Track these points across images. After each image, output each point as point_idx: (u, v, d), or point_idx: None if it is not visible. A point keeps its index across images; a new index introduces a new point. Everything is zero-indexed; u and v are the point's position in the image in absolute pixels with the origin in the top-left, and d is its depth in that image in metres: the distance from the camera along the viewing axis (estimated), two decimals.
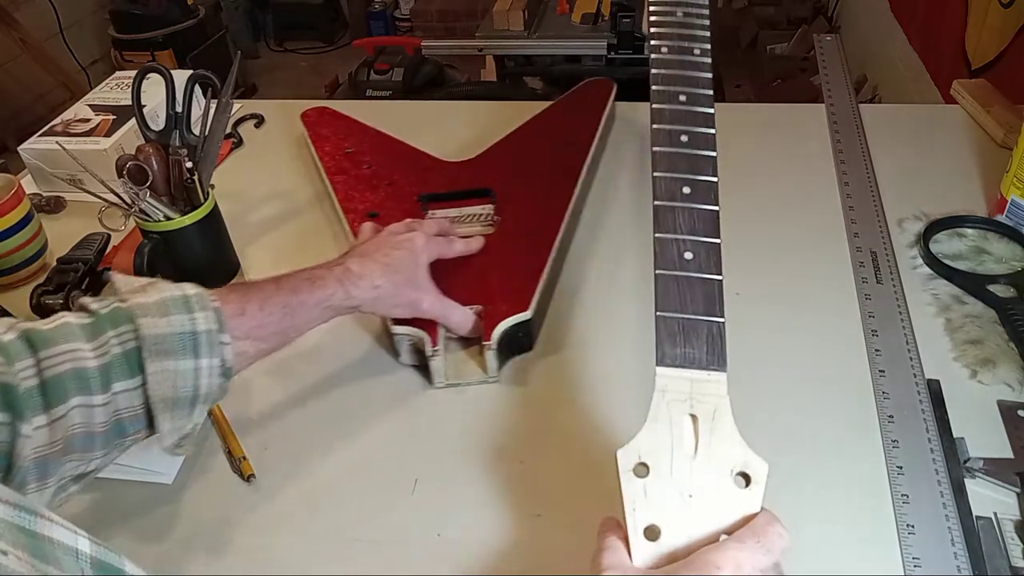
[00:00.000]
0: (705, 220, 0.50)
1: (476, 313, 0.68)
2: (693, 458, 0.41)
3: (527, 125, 0.96)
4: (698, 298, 0.47)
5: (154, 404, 0.51)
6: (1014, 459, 0.57)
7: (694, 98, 0.56)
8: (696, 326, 0.46)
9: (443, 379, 0.67)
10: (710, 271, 0.48)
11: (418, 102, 1.86)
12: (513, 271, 0.72)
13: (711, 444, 0.41)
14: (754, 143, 0.97)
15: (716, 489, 0.40)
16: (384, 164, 0.91)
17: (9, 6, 2.69)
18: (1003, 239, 0.77)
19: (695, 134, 0.54)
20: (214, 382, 0.53)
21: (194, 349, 0.52)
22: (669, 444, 0.41)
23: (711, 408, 0.42)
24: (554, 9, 2.31)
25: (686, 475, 0.41)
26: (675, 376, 0.43)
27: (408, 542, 0.56)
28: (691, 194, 0.51)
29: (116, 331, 0.51)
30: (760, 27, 3.09)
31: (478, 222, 0.81)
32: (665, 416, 0.42)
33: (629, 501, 0.40)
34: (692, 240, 0.49)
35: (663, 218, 0.50)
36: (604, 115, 0.95)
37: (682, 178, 0.51)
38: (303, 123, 1.02)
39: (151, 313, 0.52)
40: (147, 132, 0.75)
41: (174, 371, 0.51)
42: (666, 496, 0.40)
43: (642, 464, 0.41)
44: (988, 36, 1.47)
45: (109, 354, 0.51)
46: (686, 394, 0.43)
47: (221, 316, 0.54)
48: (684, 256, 0.48)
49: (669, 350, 0.44)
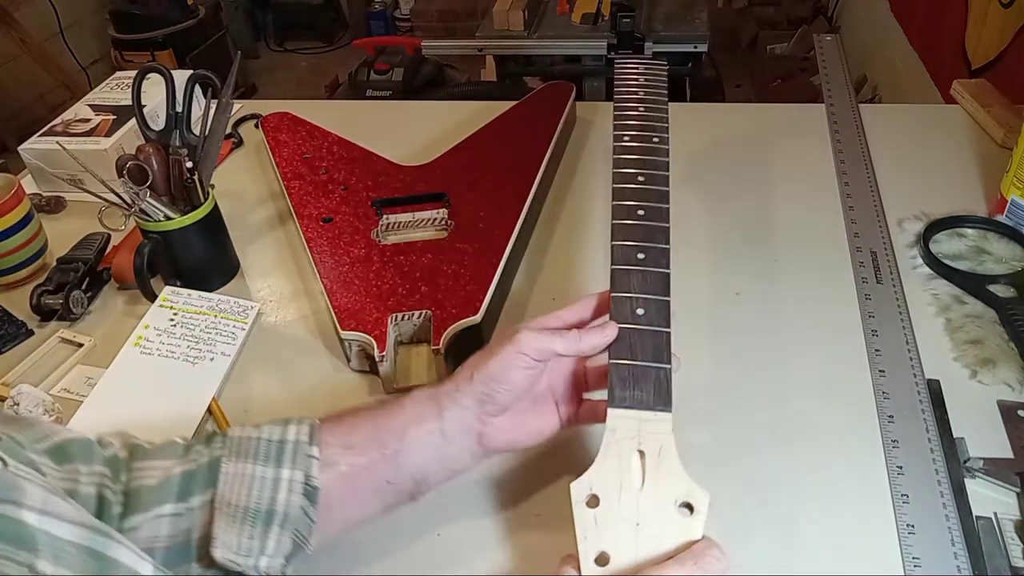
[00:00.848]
0: (656, 281, 0.55)
1: (427, 319, 0.69)
2: (640, 490, 0.44)
3: (485, 129, 0.96)
4: (647, 347, 0.51)
5: (217, 506, 0.45)
6: (1014, 459, 0.57)
7: (651, 178, 0.63)
8: (645, 372, 0.50)
9: (393, 384, 0.67)
10: (660, 325, 0.52)
11: (412, 102, 1.85)
12: (464, 275, 0.73)
13: (657, 478, 0.45)
14: (754, 143, 0.97)
15: (661, 518, 0.43)
16: (340, 169, 0.91)
17: (9, 6, 2.69)
18: (1003, 239, 0.77)
19: (651, 208, 0.60)
20: (294, 500, 0.46)
21: (278, 458, 0.47)
22: (618, 478, 0.45)
23: (657, 445, 0.46)
24: (554, 9, 2.31)
25: (633, 506, 0.44)
26: (624, 416, 0.48)
27: (408, 542, 0.56)
28: (645, 259, 0.56)
29: (208, 444, 0.49)
30: (760, 27, 3.09)
31: (431, 226, 0.81)
32: (615, 452, 0.46)
33: (580, 530, 0.43)
34: (644, 298, 0.54)
35: (619, 279, 0.55)
36: (562, 119, 0.96)
37: (638, 246, 0.57)
38: (262, 128, 1.02)
39: (246, 425, 0.49)
40: (147, 132, 0.75)
41: (251, 476, 0.46)
42: (615, 525, 0.43)
43: (593, 496, 0.44)
44: (988, 36, 1.47)
45: (196, 463, 0.48)
46: (635, 431, 0.47)
47: (315, 429, 0.49)
48: (636, 312, 0.53)
49: (619, 393, 0.49)
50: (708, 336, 0.70)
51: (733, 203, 0.87)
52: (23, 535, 0.31)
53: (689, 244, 0.80)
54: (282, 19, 3.82)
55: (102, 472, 0.46)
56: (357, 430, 0.50)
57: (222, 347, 0.72)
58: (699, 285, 0.76)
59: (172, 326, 0.74)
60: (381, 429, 0.50)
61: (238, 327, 0.74)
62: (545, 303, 0.76)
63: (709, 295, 0.74)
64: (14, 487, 0.33)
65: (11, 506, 0.32)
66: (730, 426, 0.62)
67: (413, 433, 0.50)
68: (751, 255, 0.79)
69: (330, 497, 0.48)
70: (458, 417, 0.50)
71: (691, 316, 0.71)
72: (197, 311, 0.75)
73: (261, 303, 0.78)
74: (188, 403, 0.67)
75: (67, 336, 0.76)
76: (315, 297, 0.79)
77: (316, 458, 0.47)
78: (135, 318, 0.75)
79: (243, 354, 0.73)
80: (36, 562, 0.30)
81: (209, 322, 0.74)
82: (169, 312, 0.75)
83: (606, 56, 2.12)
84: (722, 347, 0.69)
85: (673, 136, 0.91)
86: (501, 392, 0.50)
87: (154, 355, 0.71)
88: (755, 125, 1.01)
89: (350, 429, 0.50)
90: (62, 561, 0.32)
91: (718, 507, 0.55)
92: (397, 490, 0.50)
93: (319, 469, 0.47)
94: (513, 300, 0.76)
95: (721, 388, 0.65)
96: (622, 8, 2.05)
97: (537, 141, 0.91)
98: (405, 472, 0.50)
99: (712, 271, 0.77)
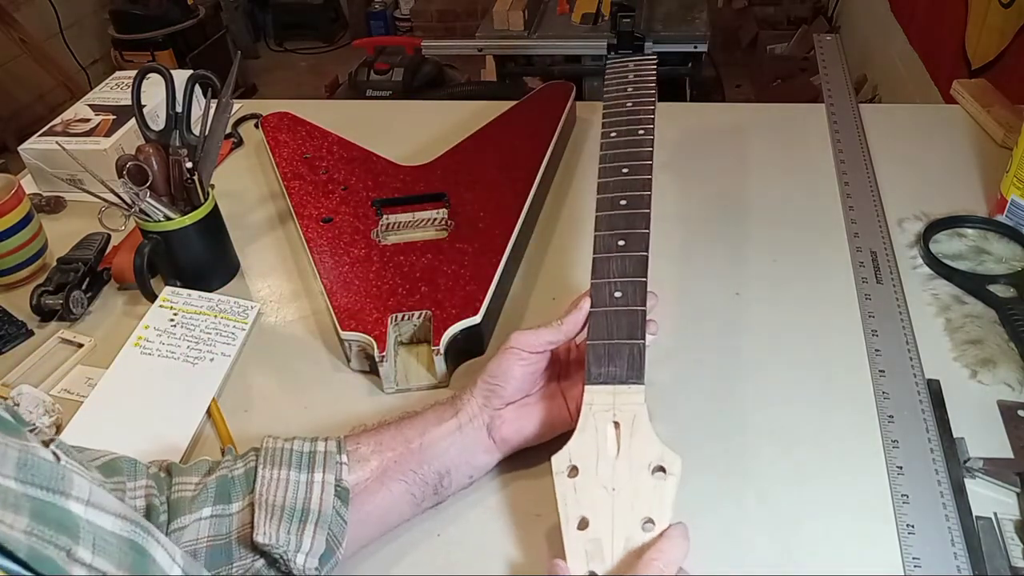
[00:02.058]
0: (635, 263, 0.58)
1: (427, 319, 0.69)
2: (616, 458, 0.48)
3: (485, 129, 0.96)
4: (623, 326, 0.55)
5: (257, 504, 0.49)
6: (1014, 459, 0.57)
7: (634, 168, 0.66)
8: (619, 349, 0.53)
9: (393, 384, 0.67)
10: (635, 304, 0.56)
11: (412, 102, 1.86)
12: (464, 276, 0.73)
13: (631, 445, 0.48)
14: (754, 143, 0.97)
15: (636, 482, 0.47)
16: (340, 169, 0.91)
17: (9, 6, 2.69)
18: (1003, 239, 0.77)
19: (633, 197, 0.64)
20: (328, 500, 0.50)
21: (310, 465, 0.51)
22: (595, 448, 0.49)
23: (631, 415, 0.50)
24: (554, 9, 2.31)
25: (609, 473, 0.48)
26: (600, 391, 0.51)
27: (408, 542, 0.56)
28: (625, 245, 0.60)
29: (243, 457, 0.53)
30: (760, 27, 3.09)
31: (431, 226, 0.81)
32: (591, 425, 0.50)
33: (561, 498, 0.47)
34: (621, 281, 0.57)
35: (599, 267, 0.59)
36: (562, 119, 0.95)
37: (618, 233, 0.61)
38: (262, 128, 1.02)
39: (278, 438, 0.54)
40: (147, 132, 0.75)
41: (285, 480, 0.50)
42: (593, 492, 0.47)
43: (573, 467, 0.48)
44: (988, 36, 1.47)
45: (230, 471, 0.52)
46: (609, 405, 0.51)
47: (343, 442, 0.54)
48: (615, 295, 0.57)
49: (595, 370, 0.53)
50: (708, 336, 0.70)
51: (733, 203, 0.87)
52: (67, 522, 0.33)
53: (689, 244, 0.80)
54: (282, 19, 3.82)
55: (148, 485, 0.50)
56: (383, 432, 0.55)
57: (222, 347, 0.72)
58: (699, 285, 0.76)
59: (172, 326, 0.74)
60: (405, 428, 0.56)
61: (238, 327, 0.74)
62: (545, 303, 0.76)
63: (709, 295, 0.74)
64: (64, 478, 0.35)
65: (60, 496, 0.34)
66: (730, 426, 0.62)
67: (434, 429, 0.55)
68: (751, 255, 0.79)
69: (363, 492, 0.52)
70: (470, 412, 0.56)
71: (691, 316, 0.71)
72: (197, 311, 0.75)
73: (261, 303, 0.78)
74: (188, 403, 0.67)
75: (67, 336, 0.76)
76: (315, 297, 0.79)
77: (345, 464, 0.52)
78: (135, 318, 0.75)
79: (243, 354, 0.73)
80: (75, 548, 0.32)
81: (209, 322, 0.74)
82: (169, 312, 0.75)
83: (606, 56, 2.12)
84: (722, 347, 0.69)
85: (673, 136, 0.91)
86: (502, 386, 0.56)
87: (154, 355, 0.71)
88: (755, 125, 1.01)
89: (376, 432, 0.55)
90: (101, 551, 0.33)
91: (718, 507, 0.56)
92: (423, 481, 0.54)
93: (348, 472, 0.52)
94: (513, 300, 0.76)
95: (721, 388, 0.65)
96: (622, 8, 2.04)
97: (537, 141, 0.91)
98: (429, 465, 0.54)
99: (712, 271, 0.77)
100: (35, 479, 0.33)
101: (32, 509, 0.31)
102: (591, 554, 0.45)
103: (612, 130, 0.71)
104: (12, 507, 0.30)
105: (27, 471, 0.32)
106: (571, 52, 2.24)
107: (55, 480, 0.34)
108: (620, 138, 0.69)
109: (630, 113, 0.72)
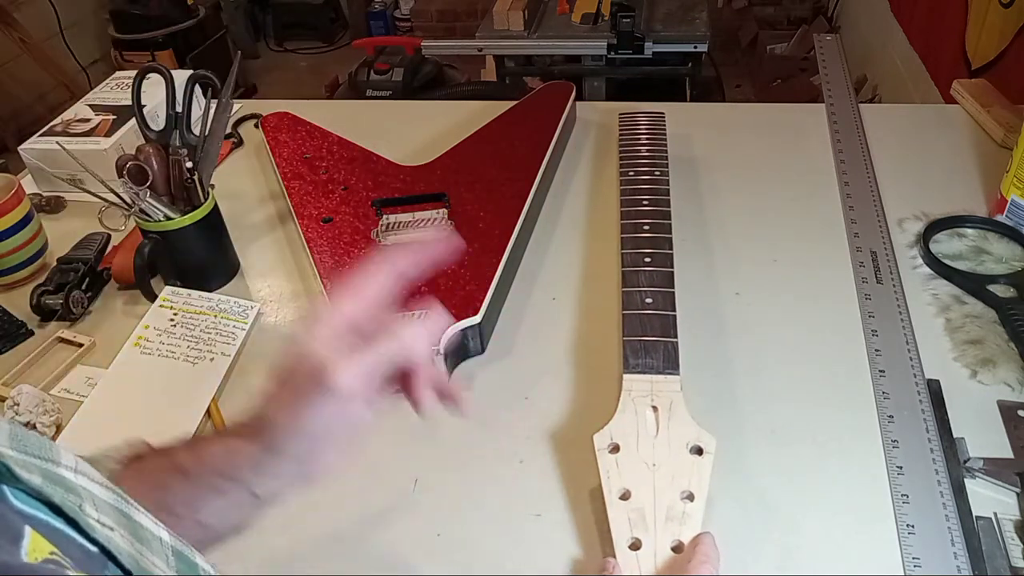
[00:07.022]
0: (662, 277, 0.68)
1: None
2: (655, 437, 0.53)
3: (485, 129, 0.96)
4: (656, 326, 0.62)
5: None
6: (1014, 459, 0.57)
7: (655, 202, 0.78)
8: (655, 344, 0.61)
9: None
10: (666, 309, 0.64)
11: (412, 102, 1.86)
12: (464, 275, 0.73)
13: (669, 426, 0.54)
14: (754, 143, 0.97)
15: (675, 459, 0.52)
16: (340, 169, 0.91)
17: (9, 6, 2.69)
18: (1003, 239, 0.77)
19: (656, 224, 0.75)
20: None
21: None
22: (635, 428, 0.54)
23: (668, 400, 0.55)
24: (554, 9, 2.31)
25: (649, 450, 0.52)
26: (638, 379, 0.58)
27: (408, 542, 0.56)
28: (651, 262, 0.69)
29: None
30: (760, 27, 3.09)
31: (431, 226, 0.82)
32: (631, 408, 0.55)
33: (604, 472, 0.51)
34: (651, 291, 0.66)
35: (629, 278, 0.68)
36: (562, 119, 0.95)
37: (644, 252, 0.71)
38: (262, 128, 1.02)
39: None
40: (147, 132, 0.75)
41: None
42: (635, 466, 0.51)
43: (615, 444, 0.53)
44: (988, 36, 1.47)
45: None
46: (647, 391, 0.56)
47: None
48: (645, 301, 0.65)
49: (632, 360, 0.59)
50: (708, 336, 0.70)
51: (733, 203, 0.87)
52: (68, 484, 0.34)
53: (689, 244, 0.80)
54: (282, 19, 3.82)
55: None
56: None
57: (222, 347, 0.72)
58: (699, 285, 0.76)
59: (172, 326, 0.74)
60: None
61: (238, 327, 0.74)
62: (545, 303, 0.76)
63: (709, 295, 0.74)
64: (52, 448, 0.35)
65: (52, 464, 0.34)
66: (730, 426, 0.61)
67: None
68: (751, 255, 0.79)
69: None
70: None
71: (691, 316, 0.71)
72: (197, 311, 0.75)
73: (261, 303, 0.78)
74: (188, 403, 0.67)
75: (67, 336, 0.76)
76: (315, 297, 0.79)
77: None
78: (135, 318, 0.75)
79: (243, 354, 0.73)
80: (84, 504, 0.33)
81: (209, 322, 0.74)
82: (169, 312, 0.75)
83: (606, 56, 2.12)
84: (722, 347, 0.69)
85: (673, 136, 0.91)
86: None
87: (154, 355, 0.71)
88: (755, 125, 1.01)
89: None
90: (102, 511, 0.34)
91: (718, 507, 0.56)
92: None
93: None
94: (513, 300, 0.76)
95: (721, 388, 0.65)
96: (622, 8, 2.05)
97: (537, 141, 0.91)
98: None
99: (712, 271, 0.77)
100: (28, 448, 0.34)
101: (40, 471, 0.32)
102: (634, 522, 0.49)
103: (631, 169, 0.83)
104: (23, 467, 0.31)
105: (20, 442, 0.33)
106: (571, 52, 2.24)
107: (45, 450, 0.35)
108: (637, 176, 0.82)
109: (646, 158, 0.85)
